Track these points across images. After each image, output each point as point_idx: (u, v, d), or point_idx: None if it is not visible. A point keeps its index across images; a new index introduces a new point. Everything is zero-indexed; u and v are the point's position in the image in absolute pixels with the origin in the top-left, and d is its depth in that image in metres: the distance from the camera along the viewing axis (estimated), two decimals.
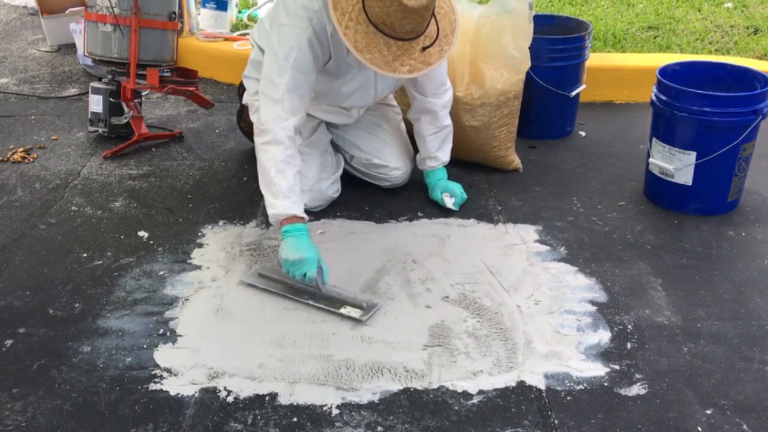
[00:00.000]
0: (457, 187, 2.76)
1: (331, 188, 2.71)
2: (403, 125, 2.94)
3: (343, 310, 2.16)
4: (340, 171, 2.78)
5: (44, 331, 2.12)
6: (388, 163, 2.81)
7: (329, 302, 2.20)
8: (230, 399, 1.88)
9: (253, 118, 2.69)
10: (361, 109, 2.74)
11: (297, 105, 2.31)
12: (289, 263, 2.21)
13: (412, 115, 2.74)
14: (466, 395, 1.88)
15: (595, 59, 3.66)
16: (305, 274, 2.20)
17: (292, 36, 2.27)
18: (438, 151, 2.76)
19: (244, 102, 2.80)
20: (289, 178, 2.27)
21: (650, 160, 2.75)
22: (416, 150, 2.87)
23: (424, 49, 2.21)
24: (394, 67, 2.18)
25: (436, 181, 2.78)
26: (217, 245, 2.53)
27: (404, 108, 3.02)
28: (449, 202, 2.72)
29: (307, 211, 2.68)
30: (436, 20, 2.25)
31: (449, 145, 2.79)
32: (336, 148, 2.86)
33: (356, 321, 2.12)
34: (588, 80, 3.39)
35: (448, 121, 2.75)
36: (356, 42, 2.15)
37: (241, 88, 3.22)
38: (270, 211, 2.28)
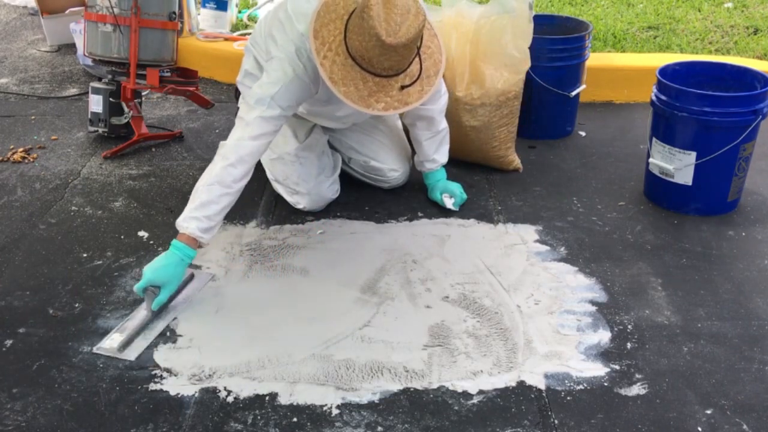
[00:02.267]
0: (456, 188, 2.76)
1: (330, 189, 2.71)
2: (400, 125, 2.94)
3: (111, 335, 2.08)
4: (338, 171, 2.78)
5: (44, 331, 2.12)
6: (386, 165, 2.81)
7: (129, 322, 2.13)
8: (230, 399, 1.88)
9: None
10: (349, 124, 2.75)
11: (263, 130, 2.25)
12: (144, 272, 2.14)
13: (408, 121, 2.73)
14: (466, 395, 1.88)
15: (595, 59, 3.66)
16: (140, 287, 2.13)
17: (280, 71, 2.25)
18: (435, 153, 2.76)
19: (239, 105, 2.80)
20: (212, 194, 2.17)
21: (650, 160, 2.75)
22: (414, 151, 2.86)
23: (402, 87, 2.15)
24: (369, 103, 2.12)
25: (436, 182, 2.78)
26: (217, 245, 2.53)
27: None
28: (449, 203, 2.72)
29: (307, 212, 2.70)
30: (420, 59, 2.18)
31: (446, 146, 2.79)
32: (333, 148, 2.86)
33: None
34: (588, 80, 3.39)
35: (444, 125, 2.74)
36: (332, 73, 2.10)
37: (238, 93, 3.22)
38: (181, 215, 2.21)
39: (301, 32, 2.23)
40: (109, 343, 2.05)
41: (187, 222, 2.17)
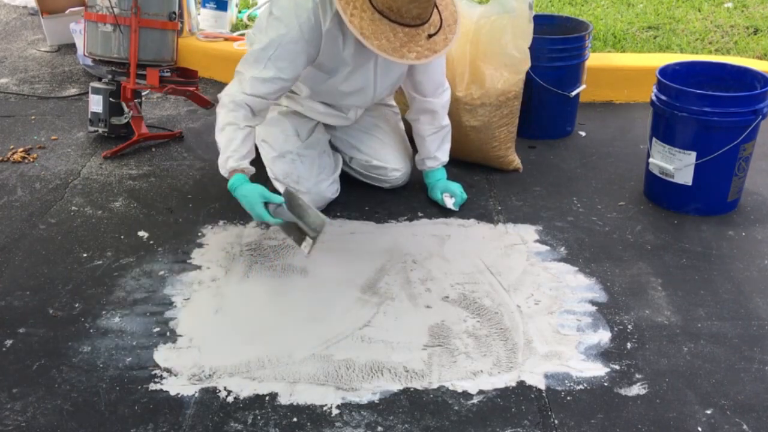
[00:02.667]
0: (456, 187, 2.76)
1: (330, 189, 2.71)
2: (401, 125, 2.94)
3: (304, 244, 2.33)
4: (339, 171, 2.78)
5: (44, 331, 2.12)
6: (387, 164, 2.81)
7: (287, 229, 2.37)
8: (230, 399, 1.88)
9: None
10: (359, 110, 2.74)
11: (260, 91, 2.34)
12: (252, 215, 2.33)
13: (411, 116, 2.74)
14: (466, 395, 1.88)
15: (595, 59, 3.66)
16: (260, 216, 2.30)
17: (278, 32, 2.29)
18: (437, 151, 2.76)
19: None
20: (227, 133, 2.34)
21: (650, 160, 2.75)
22: (415, 150, 2.87)
23: (429, 36, 2.22)
24: (402, 54, 2.18)
25: (436, 181, 2.78)
26: (217, 245, 2.53)
27: (403, 108, 3.02)
28: (449, 203, 2.72)
29: None
30: (438, 10, 2.27)
31: (448, 145, 2.79)
32: (334, 148, 2.86)
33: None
34: (588, 80, 3.39)
35: (447, 121, 2.75)
36: (362, 29, 2.16)
37: None
38: (219, 163, 2.37)
39: (306, 5, 2.27)
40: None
41: (226, 164, 2.33)
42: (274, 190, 2.78)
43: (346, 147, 2.84)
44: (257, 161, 2.54)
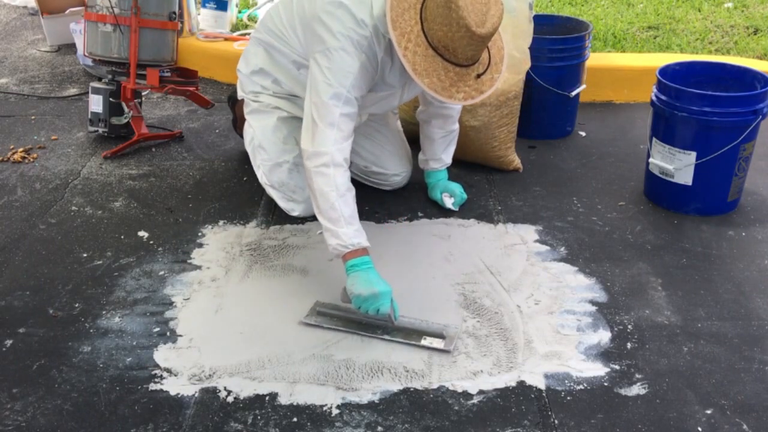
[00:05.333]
0: (456, 187, 2.76)
1: None
2: (399, 125, 2.93)
3: (424, 342, 2.04)
4: None
5: (44, 331, 2.12)
6: (388, 170, 2.80)
7: (406, 335, 2.07)
8: (230, 399, 1.87)
9: (247, 114, 2.67)
10: (363, 116, 2.72)
11: (350, 128, 2.22)
12: (362, 299, 2.05)
13: (423, 117, 2.71)
14: (466, 395, 1.88)
15: (595, 59, 3.66)
16: (378, 310, 2.06)
17: (347, 62, 2.18)
18: (443, 153, 2.75)
19: (239, 97, 2.78)
20: (350, 204, 2.15)
21: (650, 160, 2.75)
22: (417, 149, 2.86)
23: (478, 76, 2.15)
24: (451, 93, 2.12)
25: (437, 182, 2.77)
26: (217, 245, 2.53)
27: (405, 109, 3.03)
28: (449, 203, 2.72)
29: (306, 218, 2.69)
30: (487, 47, 2.20)
31: (453, 147, 2.78)
32: None
33: (441, 351, 2.01)
34: (588, 80, 3.39)
35: (457, 125, 2.74)
36: (415, 64, 2.08)
37: (231, 101, 3.21)
38: (332, 241, 2.12)
39: (361, 19, 2.17)
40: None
41: (356, 239, 2.11)
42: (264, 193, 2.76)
43: None
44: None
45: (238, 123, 3.08)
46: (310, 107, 2.23)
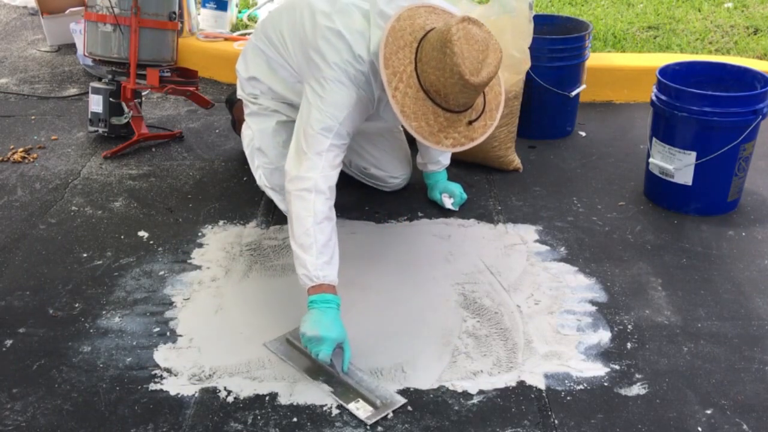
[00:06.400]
0: (456, 188, 2.76)
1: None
2: (400, 126, 2.93)
3: (351, 405, 1.86)
4: None
5: (44, 331, 2.12)
6: (386, 172, 2.79)
7: (343, 390, 1.91)
8: (230, 399, 1.88)
9: (246, 116, 2.66)
10: None
11: (339, 159, 2.16)
12: (306, 338, 1.94)
13: None
14: (466, 395, 1.88)
15: (595, 59, 3.66)
16: (317, 354, 1.93)
17: (341, 94, 2.12)
18: (440, 156, 2.75)
19: (238, 96, 2.76)
20: (326, 232, 2.02)
21: (650, 160, 2.75)
22: (415, 150, 2.86)
23: (470, 122, 2.08)
24: (438, 139, 2.04)
25: (435, 182, 2.77)
26: (217, 245, 2.53)
27: None
28: (448, 203, 2.72)
29: None
30: (483, 93, 2.13)
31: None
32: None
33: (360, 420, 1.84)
34: (588, 80, 3.38)
35: None
36: (404, 107, 2.01)
37: (229, 103, 3.21)
38: (299, 271, 2.00)
39: (359, 54, 2.11)
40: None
41: (324, 271, 1.98)
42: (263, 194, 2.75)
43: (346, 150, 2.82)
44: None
45: (237, 126, 3.08)
46: (299, 133, 2.15)
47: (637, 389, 1.91)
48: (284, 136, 2.57)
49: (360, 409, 1.84)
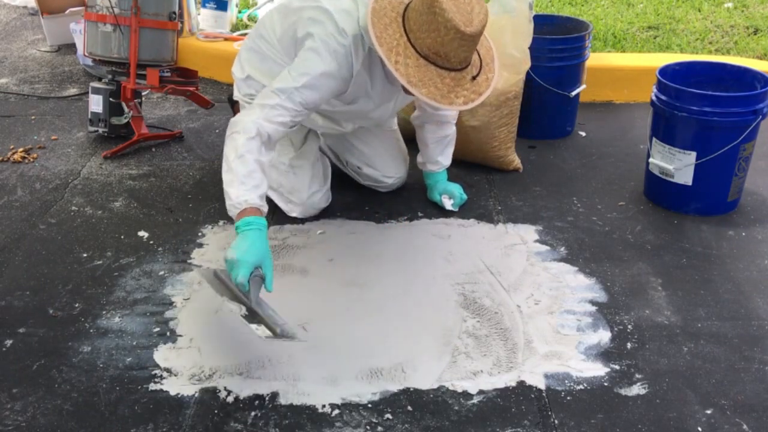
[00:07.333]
0: (456, 188, 2.76)
1: (323, 200, 2.69)
2: (396, 125, 2.92)
3: (252, 326, 1.89)
4: (329, 180, 2.73)
5: (44, 331, 2.12)
6: (380, 172, 2.79)
7: (250, 315, 1.94)
8: (230, 399, 1.87)
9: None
10: (352, 127, 2.69)
11: (281, 119, 2.16)
12: (226, 262, 1.96)
13: (418, 122, 2.71)
14: (466, 395, 1.88)
15: (595, 59, 3.66)
16: (236, 279, 1.92)
17: (312, 62, 2.18)
18: (440, 156, 2.75)
19: (235, 98, 2.77)
20: (248, 164, 2.05)
21: (650, 160, 2.75)
22: (415, 150, 2.86)
23: (473, 78, 2.15)
24: (451, 99, 2.10)
25: (435, 183, 2.77)
26: (217, 245, 2.52)
27: (405, 109, 3.02)
28: (448, 204, 2.72)
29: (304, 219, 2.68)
30: (476, 49, 2.19)
31: (451, 149, 2.78)
32: (331, 151, 2.85)
33: (258, 337, 1.89)
34: (588, 80, 3.39)
35: (453, 129, 2.74)
36: (409, 76, 2.06)
37: (231, 101, 3.20)
38: (227, 202, 2.05)
39: (342, 28, 2.18)
40: (262, 332, 1.87)
41: (245, 196, 2.02)
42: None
43: (341, 150, 2.82)
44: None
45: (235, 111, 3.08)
46: (263, 89, 2.24)
47: (637, 389, 1.91)
48: None
49: (259, 330, 1.87)
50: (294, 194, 2.63)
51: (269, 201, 2.72)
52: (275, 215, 2.70)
